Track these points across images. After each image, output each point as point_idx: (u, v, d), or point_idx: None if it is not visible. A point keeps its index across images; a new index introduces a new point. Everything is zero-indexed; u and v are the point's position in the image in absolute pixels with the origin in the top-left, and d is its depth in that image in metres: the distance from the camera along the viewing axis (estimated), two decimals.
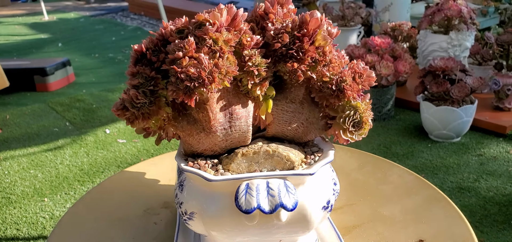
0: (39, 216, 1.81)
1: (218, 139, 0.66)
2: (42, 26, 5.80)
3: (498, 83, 2.40)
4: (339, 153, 1.05)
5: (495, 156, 2.13)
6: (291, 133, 0.69)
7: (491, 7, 3.85)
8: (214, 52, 0.58)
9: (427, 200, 0.86)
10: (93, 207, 0.93)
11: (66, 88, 3.36)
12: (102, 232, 0.86)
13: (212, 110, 0.64)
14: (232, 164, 0.65)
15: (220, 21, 0.61)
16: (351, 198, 0.90)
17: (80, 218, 0.90)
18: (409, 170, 0.95)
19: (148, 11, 6.15)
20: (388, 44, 2.50)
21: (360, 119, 0.65)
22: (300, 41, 0.60)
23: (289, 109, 0.67)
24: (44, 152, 2.34)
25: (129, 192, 0.98)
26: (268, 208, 0.58)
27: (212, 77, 0.56)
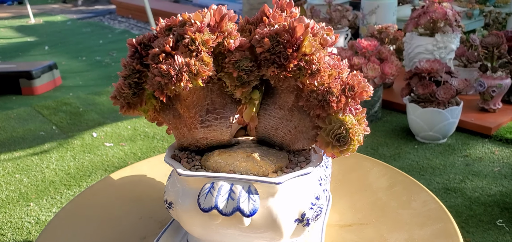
0: (25, 221, 1.79)
1: (198, 135, 0.67)
2: (28, 29, 5.74)
3: (483, 85, 2.43)
4: (373, 169, 1.02)
5: (480, 157, 2.15)
6: (277, 139, 0.68)
7: (476, 10, 3.90)
8: (191, 51, 0.59)
9: (436, 235, 0.81)
10: (81, 211, 0.93)
11: (52, 92, 3.33)
12: (90, 236, 0.85)
13: (192, 107, 0.65)
14: (208, 161, 0.65)
15: (201, 22, 0.61)
16: (366, 217, 0.87)
17: (68, 222, 0.89)
18: (436, 198, 0.89)
19: (135, 14, 6.12)
20: (374, 47, 2.52)
21: (345, 134, 0.61)
22: (283, 47, 0.59)
23: (277, 116, 0.66)
24: (30, 156, 2.31)
25: (117, 196, 0.98)
26: (225, 210, 0.59)
27: (180, 76, 0.57)
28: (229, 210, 0.59)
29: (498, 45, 2.42)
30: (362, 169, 1.04)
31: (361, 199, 0.93)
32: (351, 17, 3.54)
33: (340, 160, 1.03)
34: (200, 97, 0.65)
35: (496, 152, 2.19)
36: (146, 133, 2.54)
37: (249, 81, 0.62)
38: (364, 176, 1.01)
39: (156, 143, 2.42)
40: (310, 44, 0.59)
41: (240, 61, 0.61)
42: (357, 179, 1.00)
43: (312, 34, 0.59)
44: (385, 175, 1.01)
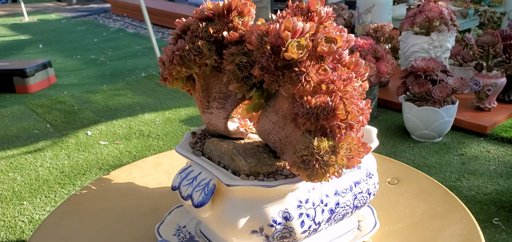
0: (18, 220, 1.77)
1: (205, 119, 0.70)
2: (22, 28, 5.71)
3: (479, 83, 2.43)
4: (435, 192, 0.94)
5: (476, 155, 2.15)
6: (271, 144, 0.66)
7: (471, 9, 3.91)
8: (197, 38, 0.63)
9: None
10: (75, 210, 0.91)
11: (46, 90, 3.31)
12: (85, 235, 0.84)
13: (201, 92, 0.68)
14: (204, 146, 0.70)
15: (210, 10, 0.64)
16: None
17: (62, 221, 0.88)
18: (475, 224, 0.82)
19: (130, 13, 6.09)
20: (370, 46, 2.52)
21: (310, 158, 0.53)
22: (267, 48, 0.56)
23: (272, 120, 0.63)
24: (24, 155, 2.29)
25: (113, 195, 0.97)
26: (183, 193, 0.63)
27: (175, 59, 0.63)
28: (185, 194, 0.63)
29: (493, 44, 2.43)
30: None
31: None
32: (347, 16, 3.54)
33: None
34: (209, 84, 0.67)
35: (492, 150, 2.19)
36: (141, 131, 2.53)
37: (243, 77, 0.60)
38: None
39: (151, 141, 2.41)
40: (292, 49, 0.54)
41: (235, 55, 0.60)
42: None
43: (300, 38, 0.55)
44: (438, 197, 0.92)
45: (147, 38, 4.75)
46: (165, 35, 5.04)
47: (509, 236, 1.60)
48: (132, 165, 1.08)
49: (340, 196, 0.68)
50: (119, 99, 3.06)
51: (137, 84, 3.36)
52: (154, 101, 2.99)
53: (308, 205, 0.64)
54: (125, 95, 3.15)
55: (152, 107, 2.88)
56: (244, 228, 0.62)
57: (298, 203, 0.63)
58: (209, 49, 0.62)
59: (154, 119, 2.69)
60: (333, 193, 0.67)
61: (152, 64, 3.86)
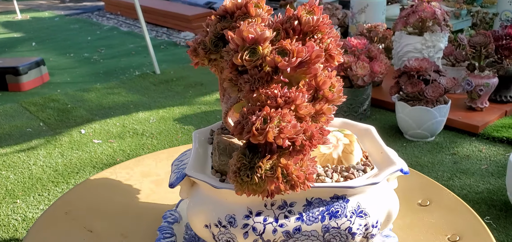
0: (11, 218, 1.77)
1: (222, 108, 0.72)
2: (15, 25, 5.67)
3: (471, 83, 2.45)
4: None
5: (468, 154, 2.17)
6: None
7: (463, 10, 3.94)
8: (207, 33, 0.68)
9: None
10: (69, 208, 0.92)
11: (40, 88, 3.29)
12: (80, 233, 0.84)
13: (220, 83, 0.72)
14: (214, 137, 0.73)
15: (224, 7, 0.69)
16: None
17: (56, 220, 0.88)
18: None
19: (124, 11, 6.07)
20: (364, 45, 2.53)
21: (233, 170, 0.55)
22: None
23: None
24: (17, 153, 2.28)
25: (107, 194, 0.97)
26: (171, 175, 0.70)
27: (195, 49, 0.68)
28: (171, 176, 0.70)
29: (485, 44, 2.45)
30: None
31: None
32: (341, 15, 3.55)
33: None
34: (221, 78, 0.71)
35: (483, 150, 2.21)
36: (135, 130, 2.53)
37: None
38: None
39: (145, 140, 2.41)
40: (242, 55, 0.55)
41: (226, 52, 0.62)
42: None
43: (258, 46, 0.56)
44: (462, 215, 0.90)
45: (141, 36, 4.74)
46: (159, 34, 5.03)
47: (500, 234, 1.62)
48: (126, 163, 1.08)
49: (303, 222, 0.61)
50: (113, 98, 3.05)
51: (131, 83, 3.35)
52: (148, 100, 2.99)
53: (258, 219, 0.61)
54: (119, 93, 3.14)
55: (146, 106, 2.88)
56: (199, 220, 0.64)
57: (247, 213, 0.61)
58: (215, 44, 0.66)
59: (148, 118, 2.69)
60: (295, 216, 0.61)
61: (146, 63, 3.85)
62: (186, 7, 5.45)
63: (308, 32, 0.59)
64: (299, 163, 0.54)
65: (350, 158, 0.69)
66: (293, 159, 0.54)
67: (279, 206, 0.61)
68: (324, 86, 0.57)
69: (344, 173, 0.65)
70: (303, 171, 0.54)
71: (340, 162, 0.69)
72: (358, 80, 2.43)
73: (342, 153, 0.69)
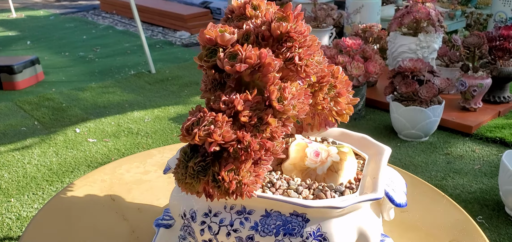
0: (5, 217, 1.77)
1: None
2: (10, 24, 5.65)
3: (465, 84, 2.47)
4: None
5: (461, 155, 2.19)
6: None
7: (458, 11, 3.96)
8: None
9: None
10: (64, 207, 0.92)
11: (34, 87, 3.29)
12: (76, 231, 0.84)
13: None
14: None
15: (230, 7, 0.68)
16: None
17: (53, 218, 0.88)
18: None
19: (120, 10, 6.06)
20: (359, 46, 2.54)
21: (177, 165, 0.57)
22: None
23: None
24: (11, 152, 2.28)
25: (101, 192, 0.97)
26: (165, 167, 0.73)
27: None
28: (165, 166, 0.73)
29: (479, 45, 2.46)
30: None
31: None
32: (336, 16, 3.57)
33: None
34: None
35: (477, 150, 2.23)
36: (130, 129, 2.53)
37: None
38: None
39: (140, 139, 2.41)
40: (200, 55, 0.58)
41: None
42: None
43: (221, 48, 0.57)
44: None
45: (137, 36, 4.73)
46: (155, 33, 5.03)
47: (493, 234, 1.63)
48: (121, 160, 1.09)
49: (257, 232, 0.59)
50: (108, 97, 3.05)
51: (126, 82, 3.35)
52: (143, 99, 2.99)
53: (215, 219, 0.61)
54: (114, 93, 3.14)
55: (141, 105, 2.88)
56: (175, 209, 0.68)
57: (207, 211, 0.62)
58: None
59: (143, 117, 2.69)
60: (250, 224, 0.60)
61: (141, 62, 3.85)
62: (182, 7, 5.44)
63: (279, 39, 0.58)
64: (234, 170, 0.53)
65: (334, 177, 0.64)
66: (227, 165, 0.53)
67: (237, 211, 0.61)
68: (272, 96, 0.55)
69: (317, 191, 0.61)
70: (237, 179, 0.53)
71: (323, 179, 0.65)
72: (352, 80, 2.44)
73: (327, 170, 0.65)
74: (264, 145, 0.53)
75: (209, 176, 0.54)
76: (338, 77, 0.68)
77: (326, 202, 0.58)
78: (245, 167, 0.53)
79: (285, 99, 0.55)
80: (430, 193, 0.95)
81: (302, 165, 0.66)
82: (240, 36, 0.60)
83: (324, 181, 0.64)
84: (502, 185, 1.69)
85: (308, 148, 0.68)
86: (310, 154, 0.67)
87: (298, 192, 0.61)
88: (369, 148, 0.74)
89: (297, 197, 0.60)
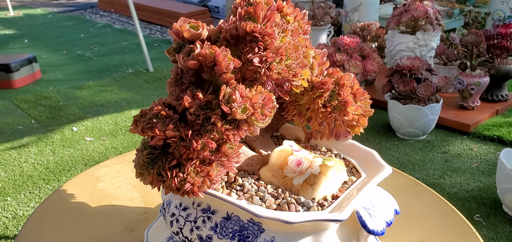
0: (1, 216, 1.76)
1: None
2: (7, 22, 5.64)
3: (462, 82, 2.46)
4: None
5: (459, 153, 2.19)
6: None
7: (456, 9, 3.96)
8: None
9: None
10: (61, 205, 0.91)
11: (32, 85, 3.28)
12: (74, 229, 0.84)
13: None
14: None
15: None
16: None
17: (49, 216, 0.88)
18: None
19: (118, 8, 6.05)
20: (357, 44, 2.54)
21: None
22: None
23: None
24: (8, 150, 2.27)
25: (98, 190, 0.97)
26: None
27: None
28: None
29: (477, 44, 2.46)
30: None
31: None
32: (334, 14, 3.56)
33: None
34: None
35: (474, 148, 2.23)
36: (128, 127, 2.52)
37: None
38: None
39: (137, 137, 2.40)
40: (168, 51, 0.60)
41: None
42: None
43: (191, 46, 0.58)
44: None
45: (134, 34, 4.72)
46: (153, 32, 5.02)
47: (490, 232, 1.63)
48: (118, 157, 1.08)
49: (216, 234, 0.60)
50: (105, 95, 3.04)
51: (124, 81, 3.34)
52: (141, 98, 2.98)
53: (183, 213, 0.63)
54: (112, 91, 3.13)
55: (138, 104, 2.87)
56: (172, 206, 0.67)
57: (178, 204, 0.64)
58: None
59: None
60: (211, 224, 0.61)
61: (139, 61, 3.84)
62: (180, 5, 5.44)
63: (244, 38, 0.57)
64: (179, 167, 0.54)
65: (308, 190, 0.61)
66: (172, 161, 0.54)
67: (203, 209, 0.61)
68: (220, 96, 0.54)
69: (283, 203, 0.59)
70: (181, 177, 0.54)
71: (297, 191, 0.62)
72: None
73: (303, 183, 0.61)
74: (207, 145, 0.53)
75: (155, 169, 0.54)
76: (343, 85, 0.64)
77: (276, 214, 0.56)
78: (191, 166, 0.53)
79: (234, 101, 0.53)
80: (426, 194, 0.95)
81: (281, 172, 0.63)
82: (213, 33, 0.59)
83: (298, 193, 0.61)
84: (500, 183, 1.69)
85: (292, 155, 0.64)
86: (291, 162, 0.63)
87: (263, 200, 0.59)
88: (371, 165, 0.69)
89: (259, 204, 0.59)
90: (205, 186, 0.55)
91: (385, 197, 0.68)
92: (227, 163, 0.56)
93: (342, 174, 0.65)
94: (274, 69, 0.55)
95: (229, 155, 0.55)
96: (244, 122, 0.54)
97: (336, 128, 0.69)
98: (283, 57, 0.56)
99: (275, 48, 0.55)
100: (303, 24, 0.65)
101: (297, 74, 0.58)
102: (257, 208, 0.57)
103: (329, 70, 0.67)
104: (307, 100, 0.66)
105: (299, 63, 0.58)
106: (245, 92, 0.54)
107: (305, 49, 0.61)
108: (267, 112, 0.55)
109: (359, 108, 0.66)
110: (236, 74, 0.55)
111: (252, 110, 0.54)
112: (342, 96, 0.65)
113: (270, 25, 0.55)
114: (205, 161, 0.54)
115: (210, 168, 0.55)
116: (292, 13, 0.63)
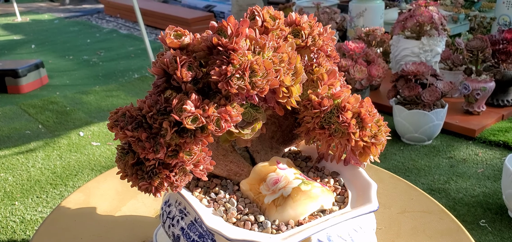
0: (9, 220, 1.78)
1: None
2: (15, 28, 5.68)
3: (468, 87, 2.46)
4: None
5: (464, 158, 2.18)
6: None
7: (461, 14, 3.95)
8: None
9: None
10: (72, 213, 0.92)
11: (39, 91, 3.30)
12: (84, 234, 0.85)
13: None
14: None
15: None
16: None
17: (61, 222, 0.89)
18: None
19: (124, 14, 6.09)
20: (362, 49, 2.55)
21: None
22: None
23: None
24: (15, 155, 2.29)
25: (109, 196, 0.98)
26: None
27: None
28: None
29: (482, 49, 2.46)
30: None
31: None
32: (339, 19, 3.57)
33: None
34: None
35: (480, 153, 2.22)
36: None
37: None
38: None
39: None
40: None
41: None
42: None
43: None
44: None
45: (140, 39, 4.75)
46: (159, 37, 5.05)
47: (495, 238, 1.62)
48: None
49: (183, 235, 0.62)
50: (111, 101, 3.06)
51: (130, 86, 3.36)
52: None
53: (167, 209, 0.68)
54: (118, 96, 3.15)
55: None
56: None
57: (167, 199, 0.69)
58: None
59: None
60: (181, 225, 0.63)
61: (145, 66, 3.86)
62: (186, 10, 5.46)
63: (215, 52, 0.58)
64: (140, 165, 0.58)
65: (272, 211, 0.59)
66: (133, 159, 0.58)
67: (180, 209, 0.65)
68: (172, 105, 0.56)
69: (243, 219, 0.59)
70: (140, 175, 0.57)
71: (264, 210, 0.60)
72: (355, 83, 2.44)
73: (271, 202, 0.60)
74: (160, 149, 0.55)
75: (122, 164, 0.59)
76: (344, 107, 0.61)
77: (216, 225, 0.57)
78: (149, 166, 0.56)
79: (184, 110, 0.54)
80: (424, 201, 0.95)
81: (257, 188, 0.62)
82: (197, 42, 0.60)
83: (264, 212, 0.60)
84: (505, 188, 1.69)
85: (273, 173, 0.63)
86: (269, 179, 0.62)
87: (226, 212, 0.60)
88: (363, 197, 0.63)
89: (220, 215, 0.59)
90: (163, 187, 0.57)
91: (365, 236, 0.63)
92: (196, 170, 0.57)
93: (320, 200, 0.61)
94: (233, 83, 0.54)
95: (185, 161, 0.56)
96: (199, 131, 0.55)
97: (350, 152, 0.65)
98: (246, 73, 0.54)
99: (238, 63, 0.55)
100: (327, 40, 0.66)
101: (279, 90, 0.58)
102: (207, 216, 0.58)
103: (336, 91, 0.64)
104: (308, 120, 0.64)
105: (268, 81, 0.56)
106: (201, 103, 0.55)
107: (298, 65, 0.59)
108: (225, 125, 0.55)
109: (369, 135, 0.61)
110: (199, 84, 0.57)
111: (203, 121, 0.54)
112: (343, 119, 0.61)
113: (237, 41, 0.55)
114: (166, 164, 0.57)
115: (173, 171, 0.57)
116: (309, 26, 0.65)
